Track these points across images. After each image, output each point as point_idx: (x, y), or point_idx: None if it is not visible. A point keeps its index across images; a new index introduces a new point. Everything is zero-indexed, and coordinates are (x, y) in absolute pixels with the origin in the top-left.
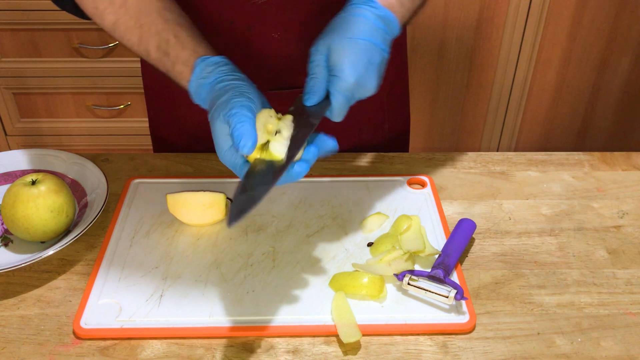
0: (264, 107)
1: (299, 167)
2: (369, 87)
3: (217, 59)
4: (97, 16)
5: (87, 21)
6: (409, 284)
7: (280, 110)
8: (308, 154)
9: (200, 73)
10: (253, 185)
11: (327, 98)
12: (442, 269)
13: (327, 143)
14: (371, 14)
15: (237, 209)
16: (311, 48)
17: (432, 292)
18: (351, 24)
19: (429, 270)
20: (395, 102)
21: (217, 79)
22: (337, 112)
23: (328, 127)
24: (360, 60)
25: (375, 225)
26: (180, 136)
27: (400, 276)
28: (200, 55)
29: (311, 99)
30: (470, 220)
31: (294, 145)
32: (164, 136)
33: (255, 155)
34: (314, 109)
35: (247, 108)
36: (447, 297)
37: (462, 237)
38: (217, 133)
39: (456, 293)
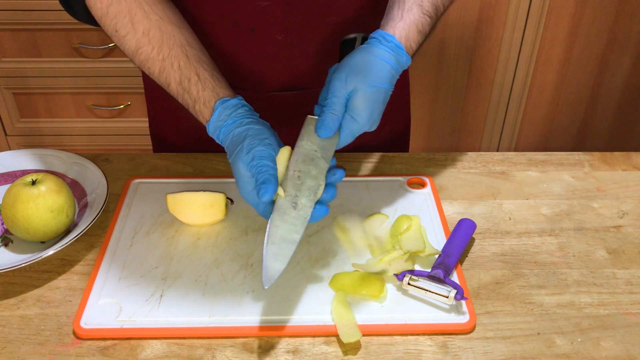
0: (278, 144)
1: (321, 209)
2: (374, 127)
3: (234, 101)
4: (117, 39)
5: None
6: (409, 284)
7: (285, 113)
8: (327, 194)
9: (218, 116)
10: (281, 241)
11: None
12: (442, 269)
13: (339, 177)
14: (394, 61)
15: (270, 271)
16: (335, 80)
17: (432, 292)
18: (377, 71)
19: (429, 270)
20: (397, 104)
21: (234, 122)
22: (342, 145)
23: None
24: (377, 109)
25: (375, 225)
26: (180, 136)
27: (400, 276)
28: (220, 97)
29: (326, 134)
30: (470, 220)
31: (311, 185)
32: (164, 136)
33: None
34: (325, 139)
35: (267, 158)
36: (447, 297)
37: (462, 237)
38: (240, 176)
39: (456, 293)
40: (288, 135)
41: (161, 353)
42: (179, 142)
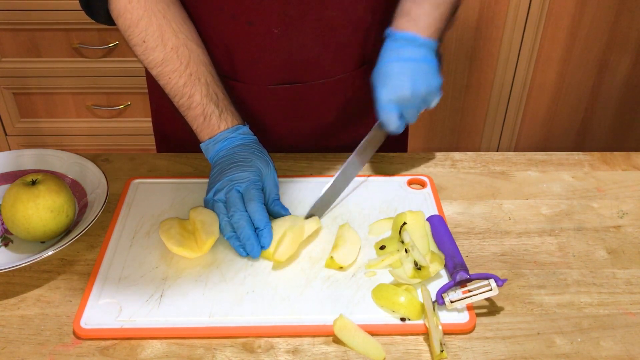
0: (270, 172)
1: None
2: (431, 98)
3: (246, 129)
4: (142, 48)
5: (87, 21)
6: (452, 302)
7: (285, 106)
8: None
9: (231, 132)
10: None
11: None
12: (460, 269)
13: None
14: (429, 56)
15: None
16: (385, 104)
17: (477, 295)
18: (420, 78)
19: (450, 280)
20: None
21: (234, 143)
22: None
23: (325, 123)
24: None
25: (383, 229)
26: (183, 130)
27: (440, 301)
28: (239, 123)
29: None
30: (436, 215)
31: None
32: (167, 131)
33: None
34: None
35: (246, 220)
36: (491, 289)
37: (447, 235)
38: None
39: (495, 280)
40: (288, 129)
41: (161, 353)
42: (181, 137)
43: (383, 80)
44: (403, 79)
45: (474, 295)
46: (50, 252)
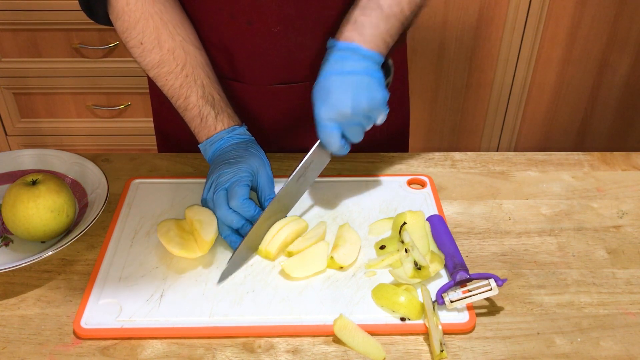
0: (264, 170)
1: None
2: (374, 116)
3: (242, 129)
4: (140, 50)
5: (87, 21)
6: (451, 301)
7: (284, 106)
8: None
9: (219, 143)
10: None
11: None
12: (461, 269)
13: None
14: (373, 69)
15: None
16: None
17: (477, 294)
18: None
19: (450, 279)
20: (395, 96)
21: (229, 143)
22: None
23: None
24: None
25: (383, 229)
26: (183, 130)
27: (440, 300)
28: (235, 124)
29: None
30: (436, 215)
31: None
32: (168, 130)
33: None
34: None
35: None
36: (491, 289)
37: (446, 235)
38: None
39: (495, 280)
40: (288, 129)
41: (161, 353)
42: (182, 138)
43: (322, 96)
44: (344, 94)
45: (473, 295)
46: (50, 252)
